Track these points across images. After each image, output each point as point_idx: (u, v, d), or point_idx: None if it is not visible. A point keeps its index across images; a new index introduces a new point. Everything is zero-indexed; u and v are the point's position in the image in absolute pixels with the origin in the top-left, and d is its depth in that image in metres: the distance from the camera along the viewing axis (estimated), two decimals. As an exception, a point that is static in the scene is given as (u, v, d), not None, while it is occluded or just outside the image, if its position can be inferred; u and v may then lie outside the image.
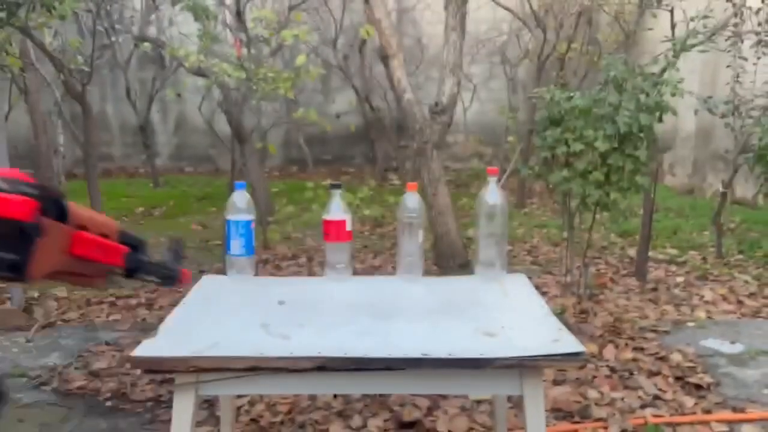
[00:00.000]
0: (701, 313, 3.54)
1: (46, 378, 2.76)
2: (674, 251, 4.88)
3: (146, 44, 6.41)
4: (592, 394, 2.57)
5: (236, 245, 1.83)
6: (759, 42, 4.45)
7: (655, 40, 6.59)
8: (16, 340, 3.22)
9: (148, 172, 9.20)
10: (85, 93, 4.06)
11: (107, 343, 3.15)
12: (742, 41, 4.67)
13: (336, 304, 1.72)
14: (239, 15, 4.89)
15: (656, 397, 2.56)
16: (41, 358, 3.00)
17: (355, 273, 1.96)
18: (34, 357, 3.01)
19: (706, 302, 3.73)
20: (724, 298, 3.79)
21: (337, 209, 1.86)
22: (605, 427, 2.34)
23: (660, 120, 3.09)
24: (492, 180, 1.85)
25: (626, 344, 3.06)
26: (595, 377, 2.72)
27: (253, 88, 4.44)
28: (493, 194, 1.83)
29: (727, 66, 4.97)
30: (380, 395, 2.53)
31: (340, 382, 1.47)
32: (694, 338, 3.18)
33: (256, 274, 1.93)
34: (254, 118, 6.54)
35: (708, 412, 2.45)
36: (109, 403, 2.55)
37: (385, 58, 4.56)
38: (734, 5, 4.23)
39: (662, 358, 2.91)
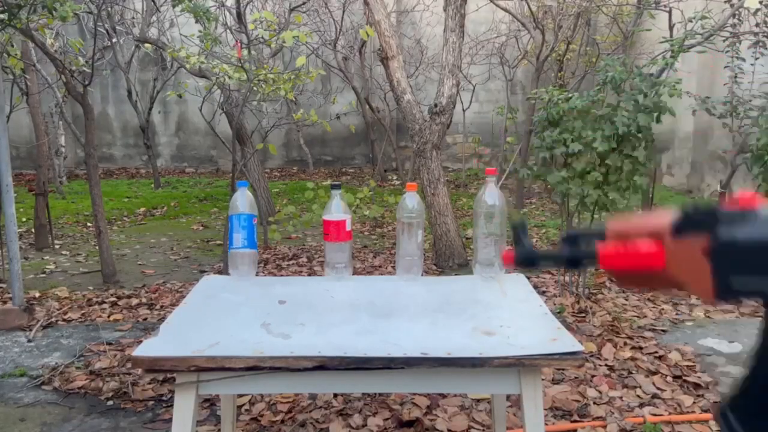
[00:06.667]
0: (699, 313, 3.55)
1: (47, 377, 2.77)
2: (673, 251, 4.89)
3: (147, 46, 6.43)
4: (591, 392, 2.59)
5: (238, 238, 1.84)
6: (757, 43, 4.47)
7: (653, 41, 6.61)
8: (18, 339, 3.23)
9: (150, 173, 9.23)
10: (86, 94, 4.07)
11: (108, 343, 3.16)
12: (740, 42, 4.69)
13: (336, 303, 1.72)
14: (240, 17, 4.90)
15: (655, 396, 2.57)
16: (42, 357, 3.01)
17: (355, 273, 1.97)
18: (35, 356, 3.03)
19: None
20: (723, 298, 3.79)
21: (337, 209, 1.87)
22: (604, 426, 2.35)
23: (658, 120, 3.10)
24: (491, 180, 1.86)
25: (624, 343, 3.07)
26: (593, 376, 2.73)
27: (253, 89, 4.45)
28: (491, 194, 1.84)
29: (725, 67, 4.98)
30: (380, 394, 2.54)
31: (340, 381, 1.47)
32: (693, 337, 3.19)
33: (257, 274, 1.95)
34: (255, 119, 6.56)
35: (706, 411, 2.46)
36: (110, 403, 2.57)
37: (384, 60, 4.57)
38: (732, 6, 4.25)
39: (660, 357, 2.92)
